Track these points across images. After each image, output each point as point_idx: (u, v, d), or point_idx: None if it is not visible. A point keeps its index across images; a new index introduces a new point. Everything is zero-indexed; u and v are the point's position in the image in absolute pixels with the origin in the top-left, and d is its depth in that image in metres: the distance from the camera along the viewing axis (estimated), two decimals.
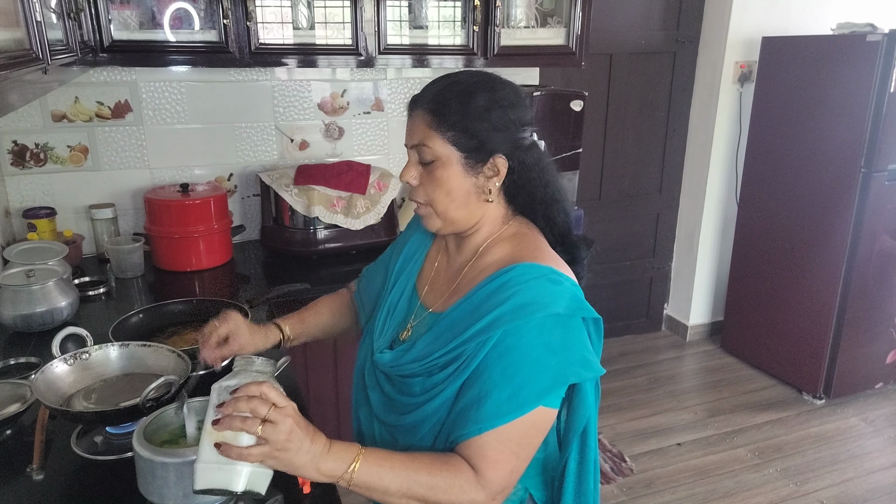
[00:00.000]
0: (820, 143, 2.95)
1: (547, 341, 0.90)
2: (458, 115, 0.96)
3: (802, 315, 3.13)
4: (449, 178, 0.98)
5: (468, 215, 1.01)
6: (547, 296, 0.92)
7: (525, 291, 0.92)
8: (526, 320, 0.90)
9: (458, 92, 0.97)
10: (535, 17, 2.52)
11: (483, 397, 0.90)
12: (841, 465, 2.68)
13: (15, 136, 2.23)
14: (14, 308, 1.65)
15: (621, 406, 3.06)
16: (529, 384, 0.89)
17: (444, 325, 0.99)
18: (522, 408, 0.89)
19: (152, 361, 1.31)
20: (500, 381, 0.90)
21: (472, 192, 0.99)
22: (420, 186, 1.01)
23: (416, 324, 1.07)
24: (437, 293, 1.08)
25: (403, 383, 1.01)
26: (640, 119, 3.49)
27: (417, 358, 0.99)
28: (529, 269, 0.95)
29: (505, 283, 0.95)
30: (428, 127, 0.97)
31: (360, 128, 2.67)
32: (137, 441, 0.98)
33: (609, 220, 3.57)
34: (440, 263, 1.12)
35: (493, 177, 0.99)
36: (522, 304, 0.91)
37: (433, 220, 1.02)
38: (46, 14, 1.25)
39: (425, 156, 0.98)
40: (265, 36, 2.15)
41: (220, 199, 2.26)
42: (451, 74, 1.02)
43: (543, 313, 0.91)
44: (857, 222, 2.86)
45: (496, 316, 0.92)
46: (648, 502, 2.45)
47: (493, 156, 0.98)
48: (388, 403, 1.05)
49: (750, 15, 3.25)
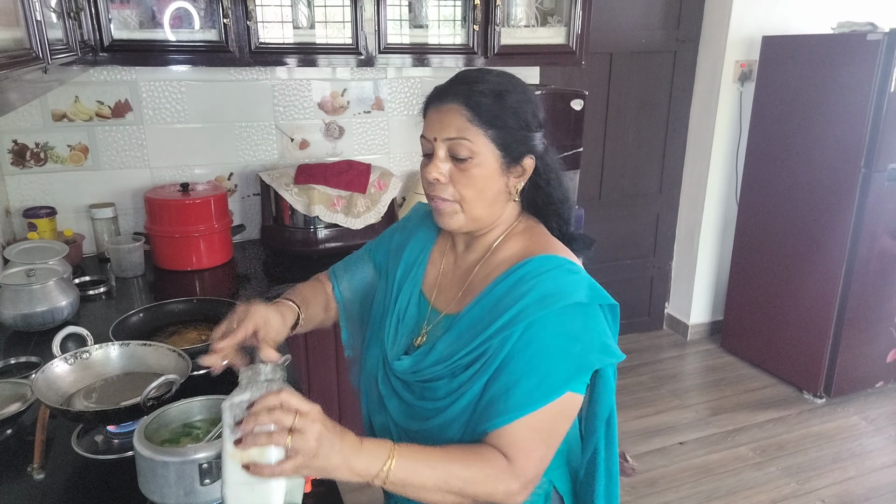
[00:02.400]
0: (820, 142, 2.95)
1: (568, 329, 0.91)
2: (496, 112, 0.95)
3: (803, 314, 3.13)
4: (484, 176, 0.96)
5: (492, 214, 1.01)
6: (567, 285, 0.93)
7: (545, 282, 0.93)
8: (549, 310, 0.91)
9: (491, 90, 0.95)
10: (535, 16, 2.52)
11: (511, 387, 0.90)
12: (842, 463, 2.68)
13: (15, 135, 2.22)
14: (14, 307, 1.65)
15: (624, 404, 3.06)
16: (555, 372, 0.90)
17: (464, 325, 0.98)
18: (550, 395, 0.89)
19: (153, 361, 1.31)
20: (527, 370, 0.90)
21: (501, 192, 0.99)
22: (448, 183, 0.98)
23: (431, 328, 1.05)
24: (449, 295, 1.07)
25: (426, 388, 1.00)
26: (641, 118, 3.49)
27: (439, 360, 0.98)
28: (546, 260, 0.96)
29: (523, 277, 0.95)
30: (468, 121, 0.94)
31: (361, 127, 2.67)
32: (138, 440, 0.97)
33: (609, 220, 3.57)
34: (446, 265, 1.11)
35: (520, 176, 1.00)
36: (545, 294, 0.92)
37: (456, 217, 1.00)
38: (46, 13, 1.25)
39: (460, 152, 0.95)
40: (265, 35, 2.15)
41: (220, 199, 2.26)
42: (471, 72, 0.99)
43: (565, 302, 0.91)
44: (857, 222, 2.86)
45: (520, 309, 0.92)
46: (652, 501, 2.45)
47: (524, 156, 0.98)
48: (408, 411, 1.03)
49: (750, 14, 3.25)
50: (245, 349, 0.95)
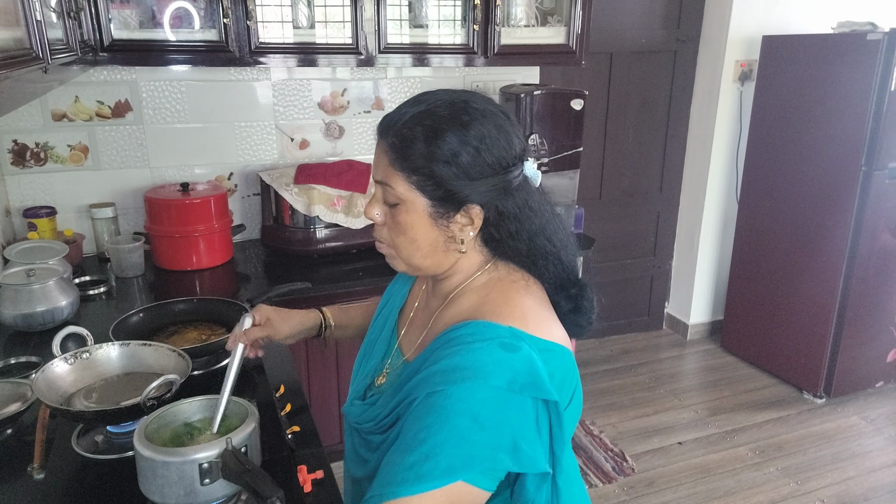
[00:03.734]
0: (820, 141, 2.95)
1: (475, 411, 0.74)
2: (424, 157, 0.82)
3: (803, 313, 3.13)
4: (413, 225, 0.85)
5: (435, 264, 0.89)
6: (490, 364, 0.76)
7: (465, 354, 0.77)
8: (455, 386, 0.75)
9: (425, 128, 0.82)
10: (535, 16, 2.52)
11: (388, 462, 0.77)
12: (842, 463, 2.68)
13: (15, 135, 2.23)
14: (14, 307, 1.65)
15: (623, 404, 3.06)
16: (440, 455, 0.73)
17: (403, 379, 0.87)
18: (433, 480, 0.72)
19: (153, 360, 1.31)
20: (410, 444, 0.75)
21: (440, 242, 0.86)
22: (384, 226, 0.89)
23: (390, 372, 0.97)
24: (413, 338, 0.97)
25: (365, 439, 0.93)
26: (641, 118, 3.49)
27: (374, 417, 0.90)
28: (483, 328, 0.80)
29: (451, 341, 0.81)
30: (390, 165, 0.84)
31: (361, 127, 2.67)
32: (138, 440, 0.97)
33: (609, 219, 3.57)
34: (420, 302, 1.01)
35: (466, 226, 0.85)
36: (455, 367, 0.77)
37: (396, 262, 0.91)
38: (46, 13, 1.25)
39: (387, 196, 0.86)
40: (265, 35, 2.15)
41: (220, 199, 2.26)
42: (424, 98, 0.86)
43: (477, 383, 0.75)
44: (857, 220, 2.86)
45: (428, 374, 0.79)
46: (650, 502, 2.45)
47: (465, 205, 0.84)
48: (353, 455, 0.97)
49: (750, 14, 3.25)
50: None
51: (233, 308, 1.63)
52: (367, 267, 2.31)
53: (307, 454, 1.20)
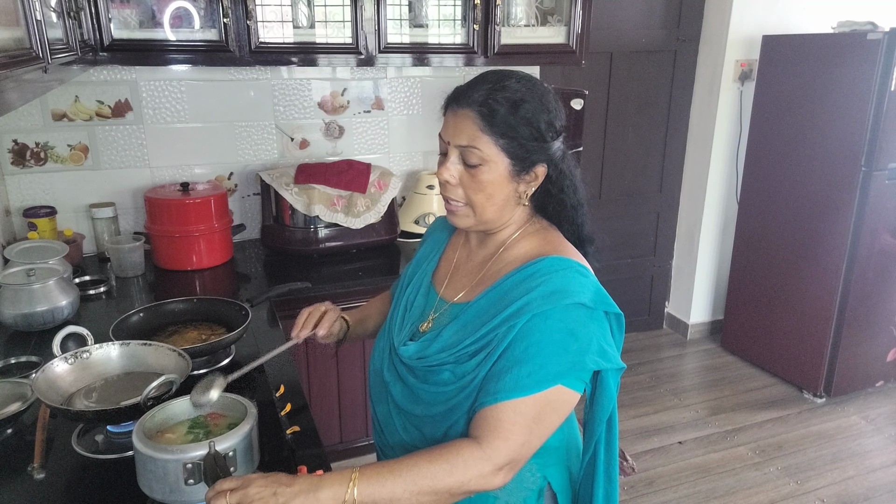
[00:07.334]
0: (820, 141, 2.95)
1: (570, 327, 0.94)
2: (510, 122, 0.97)
3: (803, 313, 3.13)
4: (493, 181, 0.99)
5: (501, 217, 1.04)
6: (575, 285, 0.96)
7: (554, 280, 0.96)
8: (553, 306, 0.94)
9: (508, 98, 0.97)
10: (535, 16, 2.52)
11: (504, 372, 0.93)
12: (842, 463, 2.68)
13: (15, 135, 2.23)
14: (14, 307, 1.65)
15: (623, 403, 3.06)
16: (549, 364, 0.92)
17: (471, 314, 1.02)
18: (541, 384, 0.91)
19: (153, 360, 1.31)
20: (522, 358, 0.93)
21: (511, 197, 1.02)
22: (459, 186, 1.02)
23: (438, 315, 1.09)
24: (459, 286, 1.11)
25: (430, 373, 1.02)
26: (641, 118, 3.48)
27: (445, 347, 1.01)
28: (558, 261, 1.00)
29: (534, 273, 0.99)
30: (480, 130, 0.98)
31: (361, 126, 2.67)
32: (137, 436, 0.97)
33: (610, 219, 3.57)
34: (459, 259, 1.15)
35: (531, 182, 1.02)
36: (552, 291, 0.95)
37: (467, 218, 1.05)
38: (46, 13, 1.25)
39: (471, 159, 0.99)
40: (265, 35, 2.15)
41: (220, 198, 2.26)
42: (493, 75, 1.01)
43: (570, 300, 0.94)
44: (857, 221, 2.86)
45: (526, 302, 0.95)
46: (650, 501, 2.45)
47: (536, 164, 1.01)
48: (412, 395, 1.05)
49: (750, 13, 3.25)
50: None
51: (233, 308, 1.63)
52: (367, 267, 2.31)
53: (307, 454, 1.20)
